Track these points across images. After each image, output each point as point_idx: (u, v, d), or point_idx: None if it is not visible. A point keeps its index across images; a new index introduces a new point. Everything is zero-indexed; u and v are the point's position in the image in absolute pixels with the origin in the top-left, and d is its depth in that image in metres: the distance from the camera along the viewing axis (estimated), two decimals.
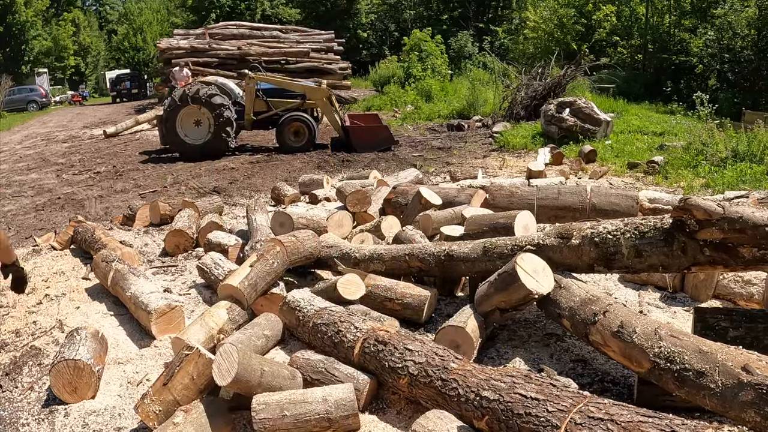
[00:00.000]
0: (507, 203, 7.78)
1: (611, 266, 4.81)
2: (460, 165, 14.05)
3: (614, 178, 11.84)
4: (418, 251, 5.92)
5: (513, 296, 4.71)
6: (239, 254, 7.43)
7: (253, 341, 4.97)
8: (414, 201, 7.94)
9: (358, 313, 5.23)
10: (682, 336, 3.84)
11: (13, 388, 5.03)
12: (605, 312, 4.25)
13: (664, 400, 3.93)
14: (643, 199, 8.23)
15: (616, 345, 4.07)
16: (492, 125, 20.38)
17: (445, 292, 6.22)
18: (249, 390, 4.09)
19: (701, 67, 25.76)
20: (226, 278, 5.70)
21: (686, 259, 4.34)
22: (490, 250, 5.39)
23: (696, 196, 4.46)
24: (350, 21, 55.91)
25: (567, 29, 33.60)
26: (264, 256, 5.72)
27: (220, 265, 6.78)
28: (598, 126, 15.84)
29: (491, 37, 43.48)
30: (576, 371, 4.71)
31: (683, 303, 5.86)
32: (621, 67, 29.69)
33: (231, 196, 12.37)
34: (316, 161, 16.03)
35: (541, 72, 22.46)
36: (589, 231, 4.86)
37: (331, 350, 4.73)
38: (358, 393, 4.23)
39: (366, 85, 41.13)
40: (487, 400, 3.71)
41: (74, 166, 17.56)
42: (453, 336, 4.73)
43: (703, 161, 11.84)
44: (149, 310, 5.71)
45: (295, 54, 32.63)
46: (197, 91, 17.16)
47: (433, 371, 4.04)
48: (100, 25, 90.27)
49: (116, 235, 8.89)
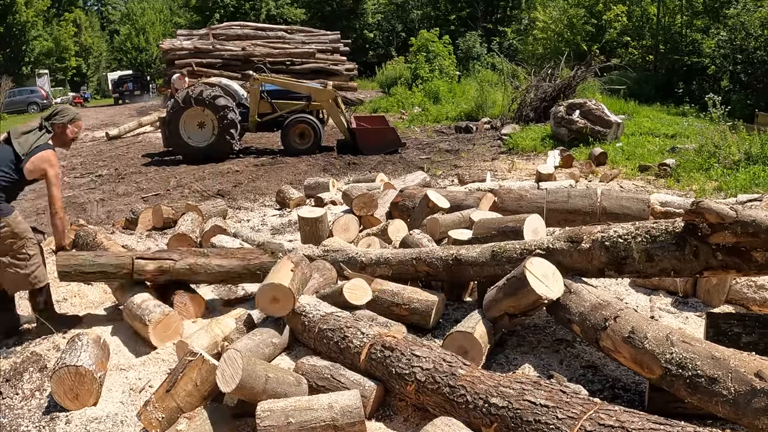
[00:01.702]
0: (516, 207, 7.79)
1: (622, 271, 4.82)
2: (468, 168, 14.04)
3: (625, 181, 11.84)
4: (425, 255, 5.93)
5: (522, 301, 4.71)
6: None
7: (261, 349, 4.97)
8: (421, 204, 7.95)
9: (364, 318, 5.23)
10: (694, 342, 3.85)
11: (13, 394, 5.03)
12: (616, 317, 4.25)
13: (675, 407, 3.93)
14: (654, 203, 8.22)
15: (627, 351, 4.07)
16: (501, 127, 20.38)
17: (453, 297, 6.23)
18: (253, 397, 4.09)
19: (713, 68, 25.67)
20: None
21: (698, 263, 4.34)
22: (499, 255, 5.40)
23: (708, 199, 4.44)
24: (356, 21, 55.99)
25: (577, 29, 33.54)
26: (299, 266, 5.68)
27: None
28: (609, 128, 15.83)
29: (500, 38, 43.53)
30: (586, 377, 4.71)
31: (695, 308, 5.86)
32: (632, 68, 29.61)
33: (235, 199, 12.39)
34: (321, 164, 16.03)
35: (551, 73, 22.44)
36: (599, 235, 4.86)
37: (337, 356, 4.73)
38: (365, 400, 4.23)
39: (372, 87, 41.14)
40: (495, 407, 3.71)
41: (75, 169, 17.58)
42: (461, 342, 4.73)
43: (716, 164, 11.83)
44: (145, 321, 5.69)
45: (301, 55, 32.65)
46: (201, 93, 17.13)
47: (440, 378, 4.05)
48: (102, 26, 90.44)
49: (118, 239, 8.89)
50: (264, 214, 10.95)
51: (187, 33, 34.87)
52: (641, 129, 17.55)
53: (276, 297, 5.17)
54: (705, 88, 24.40)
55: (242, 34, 34.15)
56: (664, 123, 18.89)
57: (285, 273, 5.32)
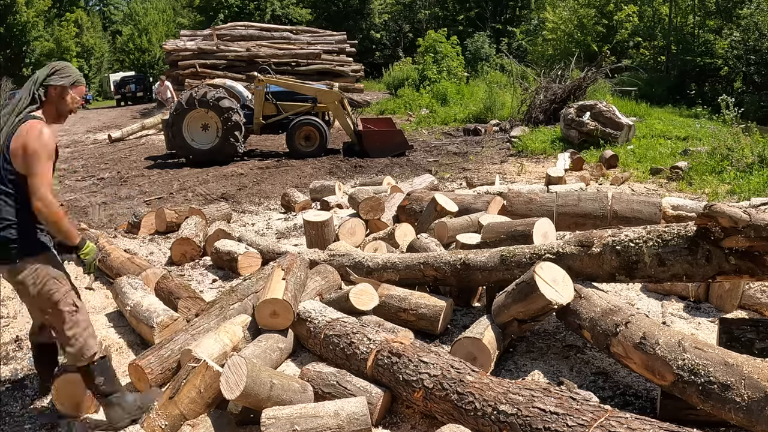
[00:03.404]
0: (525, 210, 7.78)
1: (633, 275, 4.82)
2: (476, 171, 14.06)
3: (636, 184, 11.83)
4: (433, 260, 5.93)
5: (531, 306, 4.72)
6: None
7: (268, 354, 4.98)
8: (429, 208, 7.95)
9: (371, 324, 5.24)
10: (707, 348, 3.85)
11: (13, 402, 5.05)
12: (627, 323, 4.26)
13: (688, 414, 3.92)
14: (666, 206, 8.21)
15: (639, 357, 4.07)
16: (510, 129, 20.41)
17: (462, 303, 6.24)
18: (258, 404, 4.10)
19: (726, 69, 25.66)
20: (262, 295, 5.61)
21: (711, 268, 4.34)
22: (508, 259, 5.40)
23: (721, 202, 4.44)
24: (363, 21, 56.04)
25: (587, 30, 33.54)
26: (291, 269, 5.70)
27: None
28: (620, 130, 15.81)
29: (509, 39, 43.50)
30: (597, 384, 4.71)
31: (708, 313, 5.86)
32: (643, 69, 29.58)
33: (239, 203, 12.40)
34: (327, 167, 16.04)
35: (561, 74, 22.47)
36: (610, 239, 4.86)
37: (344, 362, 4.74)
38: (372, 407, 4.24)
39: (379, 88, 41.13)
40: (504, 414, 3.71)
41: (77, 172, 17.61)
42: (469, 348, 4.73)
43: (729, 167, 11.81)
44: (152, 323, 5.70)
45: (306, 56, 32.74)
46: (205, 94, 17.11)
47: (448, 384, 4.05)
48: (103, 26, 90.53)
49: (121, 244, 8.92)
50: (269, 218, 10.96)
51: (190, 33, 35.00)
52: (653, 131, 17.52)
53: (275, 311, 5.21)
54: (718, 90, 24.37)
55: (247, 35, 34.26)
56: (676, 125, 18.87)
57: (277, 284, 5.36)
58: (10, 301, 7.04)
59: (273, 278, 5.47)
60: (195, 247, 8.45)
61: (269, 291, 5.30)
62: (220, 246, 7.99)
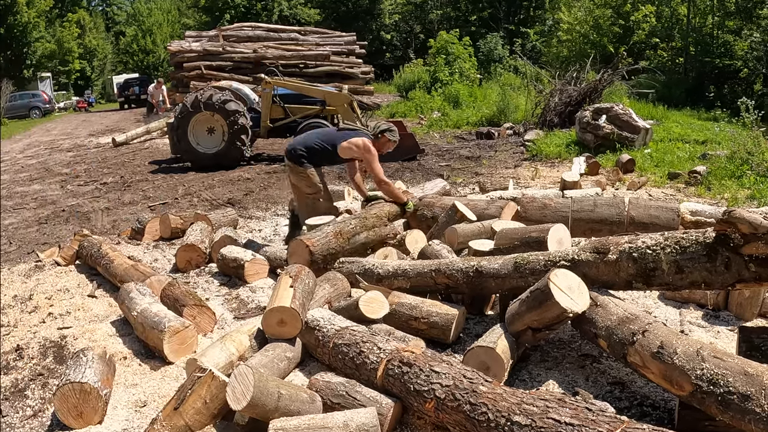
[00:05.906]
0: (540, 216, 7.77)
1: (650, 283, 4.81)
2: (489, 175, 14.05)
3: (654, 189, 11.80)
4: (445, 267, 5.93)
5: (546, 315, 4.72)
6: None
7: (276, 363, 4.97)
8: (449, 215, 7.93)
9: (381, 332, 5.25)
10: (726, 357, 3.84)
11: (14, 413, 5.06)
12: (644, 331, 4.25)
13: (706, 426, 3.92)
14: (684, 212, 8.20)
15: (656, 367, 4.07)
16: (524, 133, 20.37)
17: (474, 311, 6.23)
18: (265, 415, 4.10)
19: (746, 71, 25.56)
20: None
21: (730, 275, 4.33)
22: (522, 266, 5.40)
23: (741, 208, 4.44)
24: (373, 22, 56.15)
25: (603, 31, 33.48)
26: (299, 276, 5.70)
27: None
28: (637, 134, 15.79)
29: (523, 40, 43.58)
30: (613, 394, 4.70)
31: (727, 322, 5.84)
32: (661, 71, 29.53)
33: (246, 208, 12.42)
34: (336, 171, 16.03)
35: (576, 76, 22.42)
36: (627, 245, 4.86)
37: (353, 372, 4.75)
38: (382, 418, 4.23)
39: (390, 90, 41.20)
40: (518, 425, 3.71)
41: (80, 177, 17.69)
42: (482, 357, 4.73)
43: (749, 171, 11.78)
44: (161, 329, 5.69)
45: (315, 57, 32.73)
46: (210, 97, 17.16)
47: (461, 394, 4.05)
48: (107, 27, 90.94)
49: (124, 250, 8.93)
50: (276, 224, 10.97)
51: (196, 34, 35.07)
52: (671, 135, 17.47)
53: (283, 320, 5.21)
54: (737, 92, 24.28)
55: (253, 36, 34.28)
56: (695, 128, 18.80)
57: (284, 291, 5.37)
58: (11, 310, 7.08)
59: (280, 285, 5.48)
60: (200, 254, 8.45)
61: (277, 298, 5.30)
62: (227, 252, 8.00)
